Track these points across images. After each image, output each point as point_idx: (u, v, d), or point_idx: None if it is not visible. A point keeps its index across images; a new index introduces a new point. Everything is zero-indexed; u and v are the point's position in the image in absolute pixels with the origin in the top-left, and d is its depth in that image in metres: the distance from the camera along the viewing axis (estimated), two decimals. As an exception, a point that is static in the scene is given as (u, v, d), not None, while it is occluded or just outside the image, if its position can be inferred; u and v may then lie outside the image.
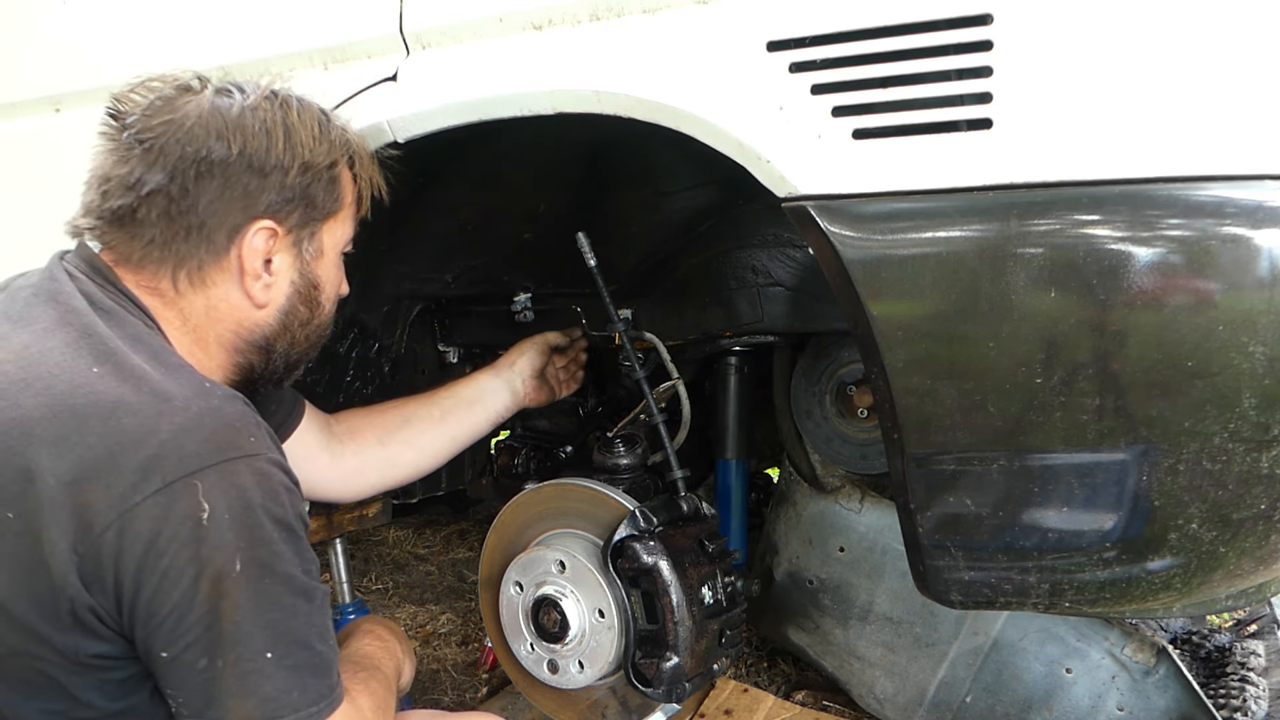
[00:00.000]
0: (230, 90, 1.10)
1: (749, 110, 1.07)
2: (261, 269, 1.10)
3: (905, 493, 1.11)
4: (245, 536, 0.92)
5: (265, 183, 1.08)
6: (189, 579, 0.90)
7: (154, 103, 1.07)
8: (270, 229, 1.09)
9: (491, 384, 1.72)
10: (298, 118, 1.11)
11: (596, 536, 1.51)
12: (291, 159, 1.09)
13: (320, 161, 1.12)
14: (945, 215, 1.00)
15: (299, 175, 1.10)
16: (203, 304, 1.09)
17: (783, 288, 1.65)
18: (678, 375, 1.71)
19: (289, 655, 0.95)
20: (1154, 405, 0.98)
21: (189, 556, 0.89)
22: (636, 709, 1.55)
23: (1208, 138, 0.93)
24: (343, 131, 1.18)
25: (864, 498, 1.88)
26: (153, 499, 0.89)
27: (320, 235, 1.17)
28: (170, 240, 1.05)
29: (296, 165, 1.09)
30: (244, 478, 0.93)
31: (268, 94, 1.11)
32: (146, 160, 1.04)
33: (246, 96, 1.09)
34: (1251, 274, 0.93)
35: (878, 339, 1.04)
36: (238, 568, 0.91)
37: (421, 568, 3.22)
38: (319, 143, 1.13)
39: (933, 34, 0.98)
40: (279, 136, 1.08)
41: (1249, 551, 1.05)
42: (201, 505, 0.90)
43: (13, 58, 1.77)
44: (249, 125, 1.07)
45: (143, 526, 0.89)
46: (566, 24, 1.18)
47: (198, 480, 0.90)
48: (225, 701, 0.92)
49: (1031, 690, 1.74)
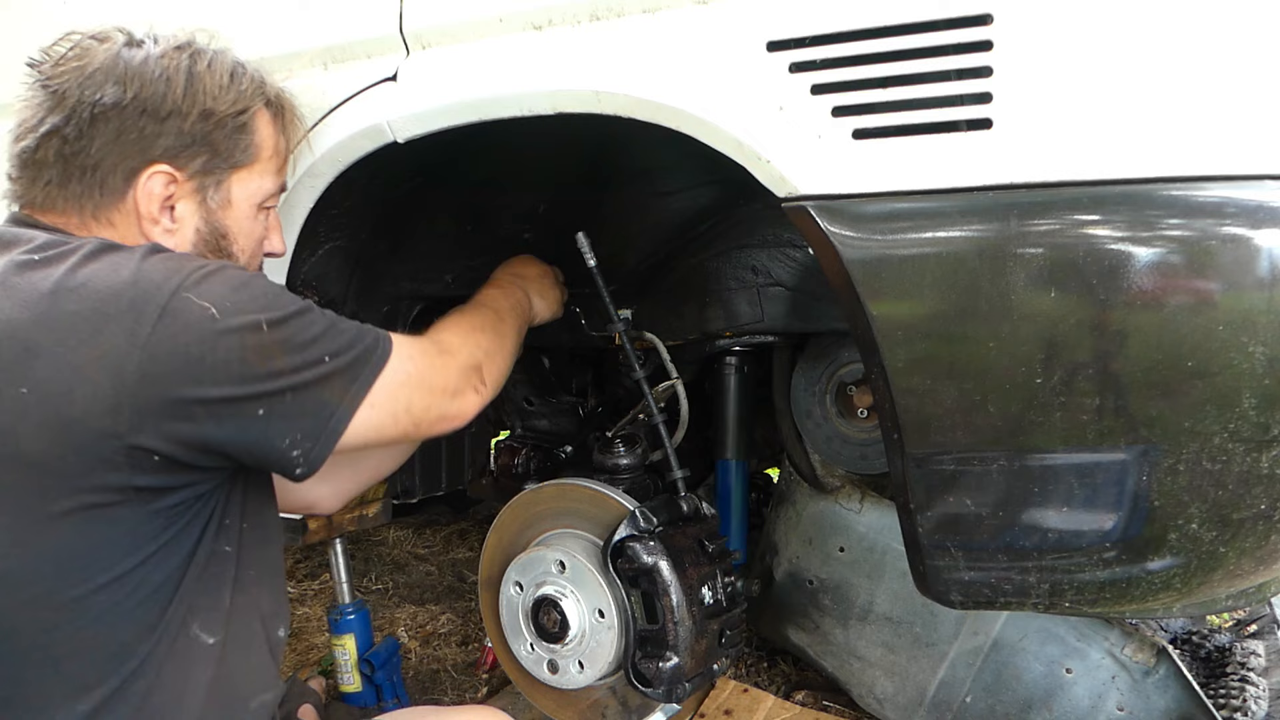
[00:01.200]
0: (143, 42, 1.12)
1: (749, 110, 1.07)
2: (159, 213, 1.12)
3: (905, 493, 1.11)
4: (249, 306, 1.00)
5: (161, 128, 1.09)
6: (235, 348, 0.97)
7: (67, 53, 1.10)
8: (167, 174, 1.10)
9: None
10: (206, 67, 1.13)
11: (596, 536, 1.51)
12: (191, 105, 1.10)
13: (224, 110, 1.13)
14: (945, 215, 1.00)
15: (199, 121, 1.11)
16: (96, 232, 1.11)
17: (783, 288, 1.65)
18: (677, 375, 1.71)
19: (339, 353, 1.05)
20: (1154, 405, 0.98)
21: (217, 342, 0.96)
22: (636, 709, 1.55)
23: (1208, 138, 0.93)
24: (258, 83, 1.19)
25: (864, 498, 1.88)
26: (160, 324, 0.95)
27: (229, 184, 1.17)
28: (66, 180, 1.08)
29: (196, 111, 1.11)
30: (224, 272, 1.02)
31: (179, 44, 1.13)
32: (49, 104, 1.08)
33: (156, 46, 1.12)
34: (1251, 274, 0.92)
35: (878, 339, 1.04)
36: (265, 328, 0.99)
37: (421, 568, 3.22)
38: (225, 91, 1.13)
39: (933, 34, 0.98)
40: (179, 83, 1.10)
41: (1249, 551, 1.05)
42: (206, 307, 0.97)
43: (13, 57, 1.77)
44: (149, 72, 1.09)
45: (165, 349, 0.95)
46: (566, 24, 1.18)
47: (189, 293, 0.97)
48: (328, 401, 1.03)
49: (1031, 690, 1.74)
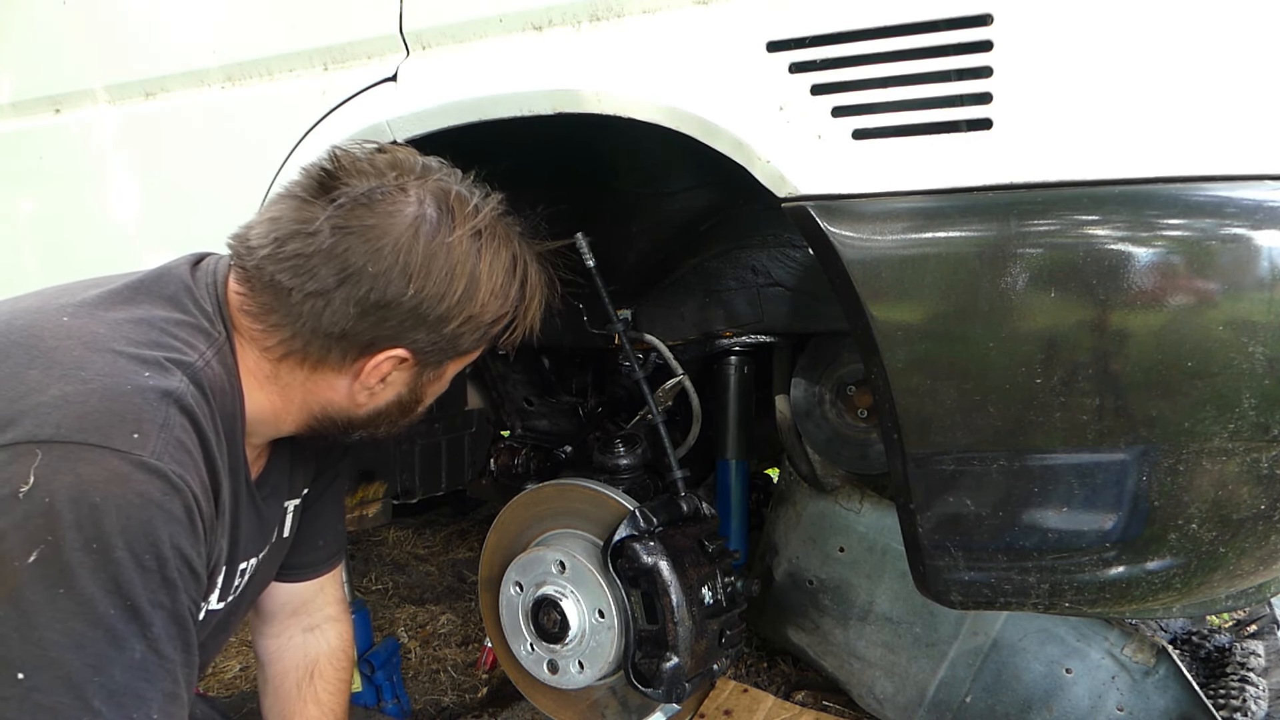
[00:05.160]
0: (443, 209, 1.02)
1: (749, 110, 1.07)
2: (375, 383, 1.07)
3: (905, 493, 1.11)
4: (58, 531, 0.78)
5: (423, 326, 1.03)
6: None
7: (367, 192, 1.00)
8: (403, 358, 1.06)
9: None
10: (487, 268, 1.05)
11: (596, 537, 1.51)
12: (459, 311, 1.04)
13: (486, 319, 1.08)
14: (945, 215, 1.00)
15: (460, 326, 1.06)
16: (302, 378, 1.06)
17: (783, 288, 1.65)
18: (682, 372, 1.71)
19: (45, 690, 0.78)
20: (1154, 405, 0.98)
21: None
22: (636, 709, 1.55)
23: (1207, 138, 0.93)
24: (521, 286, 1.12)
25: (864, 498, 1.88)
26: None
27: (446, 366, 1.13)
28: (301, 330, 1.01)
29: (462, 317, 1.05)
30: (91, 470, 0.81)
31: (474, 231, 1.04)
32: (329, 251, 0.98)
33: (453, 228, 1.02)
34: (1251, 274, 0.92)
35: (878, 339, 1.04)
36: (31, 559, 0.77)
37: (421, 568, 3.22)
38: (495, 298, 1.07)
39: (933, 34, 0.98)
40: (459, 287, 1.03)
41: (1249, 551, 1.05)
42: (28, 477, 0.78)
43: (13, 58, 1.77)
44: (437, 270, 1.01)
45: None
46: (566, 24, 1.18)
47: (40, 450, 0.80)
48: None
49: (1031, 690, 1.74)
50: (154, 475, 0.84)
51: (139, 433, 0.85)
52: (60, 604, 0.79)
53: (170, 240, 1.65)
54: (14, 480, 0.79)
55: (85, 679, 0.80)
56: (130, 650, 0.82)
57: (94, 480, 0.80)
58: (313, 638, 1.46)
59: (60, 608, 0.79)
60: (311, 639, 1.46)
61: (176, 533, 0.86)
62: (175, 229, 1.64)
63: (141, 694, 0.84)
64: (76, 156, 1.71)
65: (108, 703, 0.81)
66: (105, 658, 0.81)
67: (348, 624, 1.52)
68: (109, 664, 0.81)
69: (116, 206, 1.68)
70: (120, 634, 0.82)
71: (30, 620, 0.78)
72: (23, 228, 1.84)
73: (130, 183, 1.66)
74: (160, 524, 0.84)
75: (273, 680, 1.45)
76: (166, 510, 0.85)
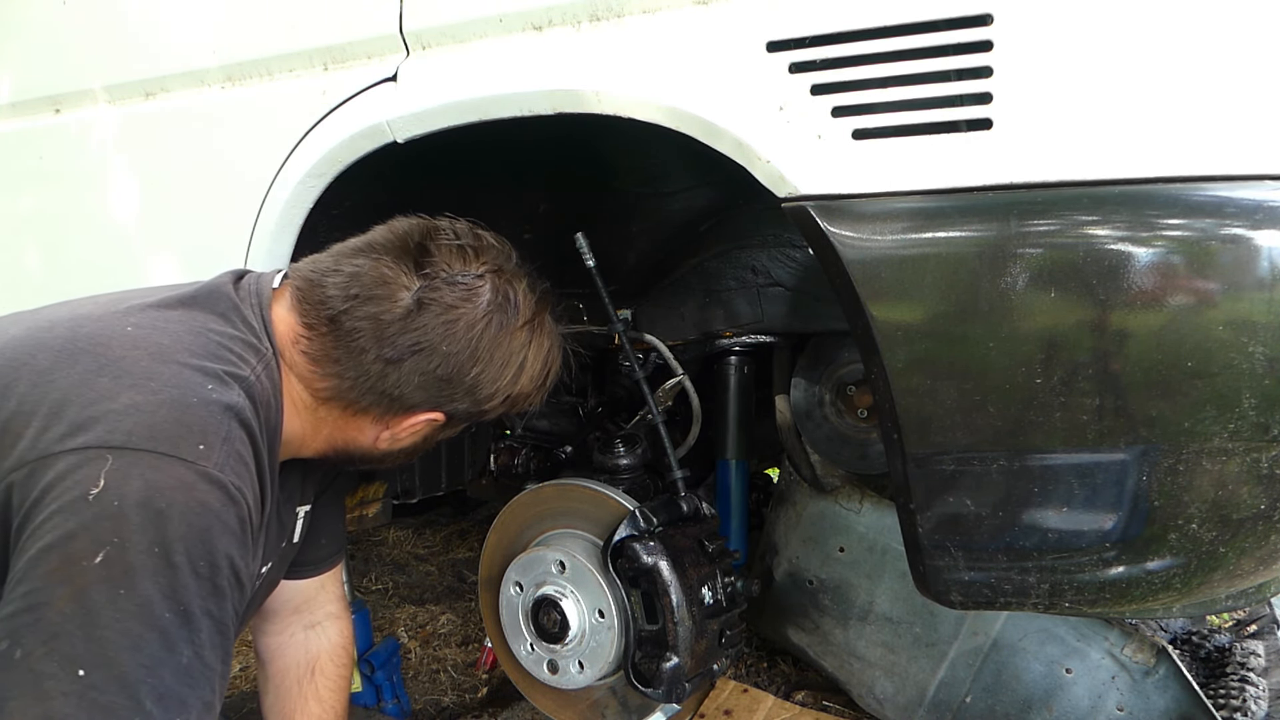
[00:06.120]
0: (510, 301, 1.11)
1: (749, 110, 1.07)
2: (405, 435, 1.16)
3: (905, 493, 1.11)
4: (125, 534, 0.81)
5: (469, 399, 1.12)
6: (45, 545, 0.81)
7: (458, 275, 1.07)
8: (437, 420, 1.14)
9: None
10: (532, 357, 1.15)
11: (596, 537, 1.51)
12: (503, 393, 1.14)
13: (521, 400, 1.18)
14: (945, 215, 1.00)
15: (498, 403, 1.15)
16: (336, 418, 1.12)
17: (783, 288, 1.65)
18: (682, 372, 1.71)
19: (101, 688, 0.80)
20: (1154, 405, 0.98)
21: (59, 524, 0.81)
22: (636, 709, 1.55)
23: (1207, 138, 0.93)
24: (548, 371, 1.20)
25: (864, 498, 1.88)
26: (68, 455, 0.84)
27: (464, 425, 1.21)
28: (359, 383, 1.07)
29: (501, 398, 1.14)
30: (159, 476, 0.84)
31: (528, 324, 1.13)
32: (407, 322, 1.05)
33: (517, 315, 1.11)
34: (1251, 274, 0.92)
35: (878, 339, 1.04)
36: (98, 560, 0.80)
37: (421, 568, 3.22)
38: (531, 383, 1.17)
39: (933, 34, 0.98)
40: (508, 375, 1.12)
41: (1249, 551, 1.05)
42: (99, 480, 0.82)
43: (13, 58, 1.77)
44: (499, 355, 1.10)
45: (46, 477, 0.83)
46: (566, 24, 1.18)
47: (111, 456, 0.83)
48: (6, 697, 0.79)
49: (1031, 690, 1.74)
50: (216, 486, 0.88)
51: (205, 444, 0.89)
52: (121, 604, 0.81)
53: (170, 240, 1.65)
54: (85, 483, 0.82)
55: (139, 679, 0.82)
56: (179, 654, 0.85)
57: (161, 487, 0.84)
58: (314, 634, 1.47)
59: (120, 608, 0.81)
60: (313, 636, 1.47)
61: (230, 543, 0.89)
62: (175, 229, 1.64)
63: (184, 699, 0.85)
64: (76, 157, 1.71)
65: (158, 705, 0.83)
66: (158, 660, 0.83)
67: (348, 621, 1.53)
68: (161, 666, 0.83)
69: (116, 207, 1.68)
70: (172, 638, 0.84)
71: (94, 619, 0.80)
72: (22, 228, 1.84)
73: (130, 183, 1.66)
74: (217, 533, 0.88)
75: (274, 677, 1.46)
76: (224, 521, 0.89)
